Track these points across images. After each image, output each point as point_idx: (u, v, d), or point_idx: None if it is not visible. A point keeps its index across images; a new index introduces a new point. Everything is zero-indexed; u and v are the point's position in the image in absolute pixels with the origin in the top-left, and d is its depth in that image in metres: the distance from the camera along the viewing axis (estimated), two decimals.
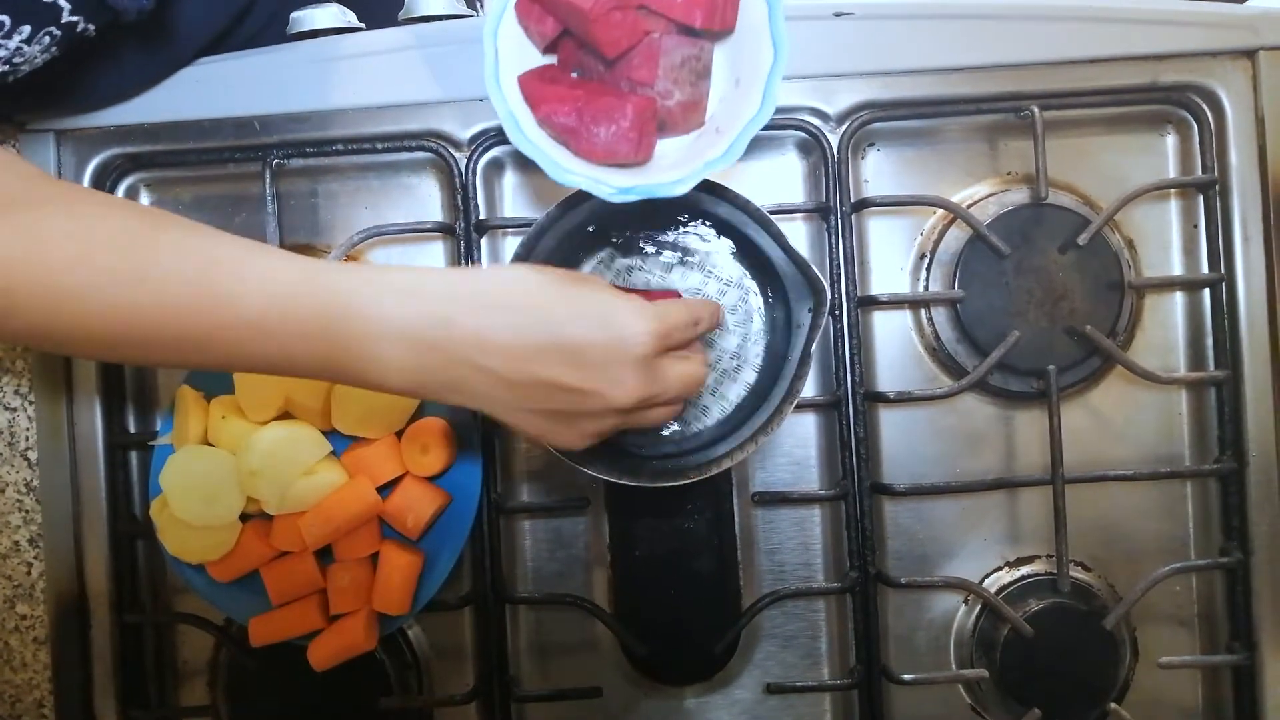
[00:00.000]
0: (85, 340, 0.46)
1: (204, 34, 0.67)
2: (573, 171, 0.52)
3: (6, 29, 0.51)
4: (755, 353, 0.63)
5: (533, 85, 0.54)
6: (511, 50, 0.54)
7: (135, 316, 0.46)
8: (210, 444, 0.64)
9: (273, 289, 0.46)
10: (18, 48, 0.53)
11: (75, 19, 0.54)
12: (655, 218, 0.62)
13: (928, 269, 0.68)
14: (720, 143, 0.52)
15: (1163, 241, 0.68)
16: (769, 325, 0.63)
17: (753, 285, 0.63)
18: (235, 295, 0.46)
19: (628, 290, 0.55)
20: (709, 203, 0.60)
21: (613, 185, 0.52)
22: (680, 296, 0.62)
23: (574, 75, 0.55)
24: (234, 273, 0.46)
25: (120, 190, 0.69)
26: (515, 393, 0.48)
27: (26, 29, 0.52)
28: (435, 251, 0.69)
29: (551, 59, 0.56)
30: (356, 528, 0.63)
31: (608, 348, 0.48)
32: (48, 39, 0.54)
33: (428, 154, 0.67)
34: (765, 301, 0.62)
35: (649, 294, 0.60)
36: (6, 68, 0.53)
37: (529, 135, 0.53)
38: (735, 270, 0.63)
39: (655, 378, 0.50)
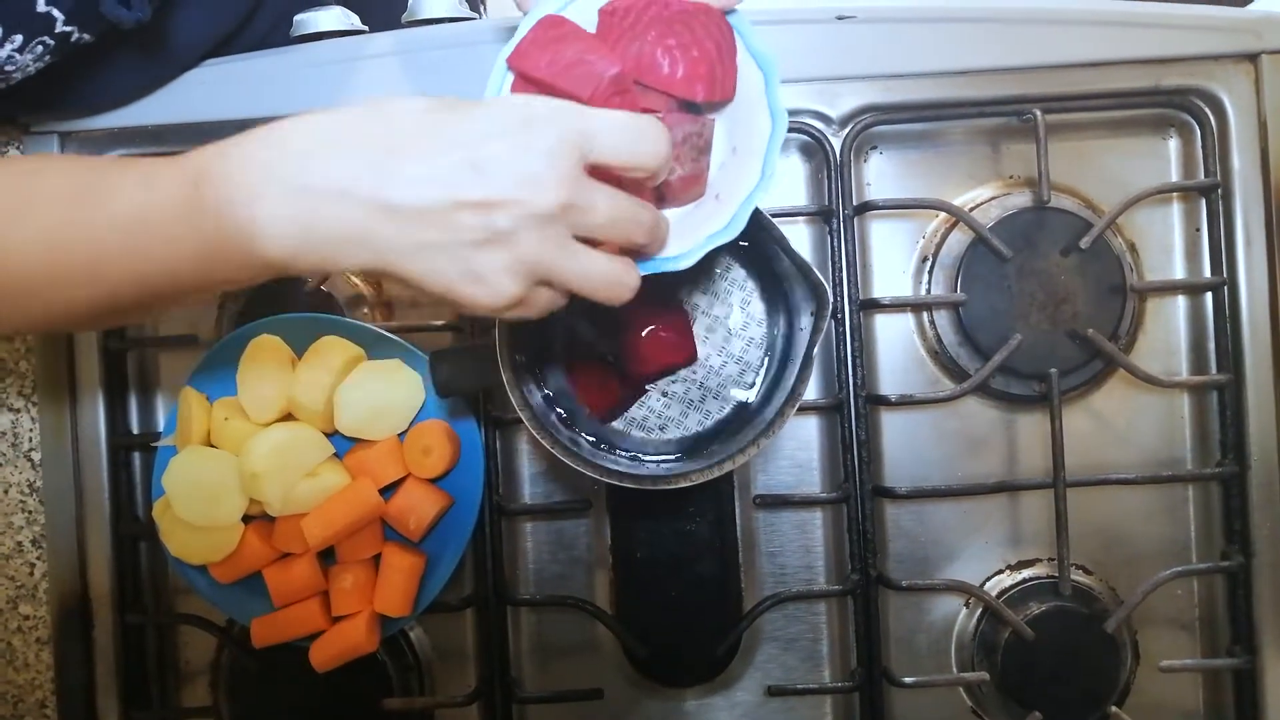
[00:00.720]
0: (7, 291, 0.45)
1: (205, 42, 0.67)
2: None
3: None
4: (757, 356, 0.63)
5: None
6: None
7: (21, 253, 0.44)
8: (213, 445, 0.64)
9: (142, 183, 0.44)
10: (9, 56, 0.53)
11: (69, 29, 0.54)
12: None
13: (930, 272, 0.68)
14: (721, 214, 0.51)
15: (1165, 245, 0.68)
16: (771, 328, 0.63)
17: (755, 288, 0.63)
18: (108, 198, 0.44)
19: None
20: None
21: (674, 255, 0.50)
22: (689, 316, 0.59)
23: None
24: (105, 178, 0.44)
25: None
26: (412, 224, 0.41)
27: (19, 38, 0.52)
28: None
29: None
30: (358, 529, 0.63)
31: (511, 143, 0.41)
32: (40, 48, 0.54)
33: None
34: (767, 304, 0.62)
35: None
36: None
37: None
38: (737, 273, 0.63)
39: (579, 184, 0.42)
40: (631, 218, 0.44)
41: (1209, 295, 0.67)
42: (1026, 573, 0.68)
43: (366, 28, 0.69)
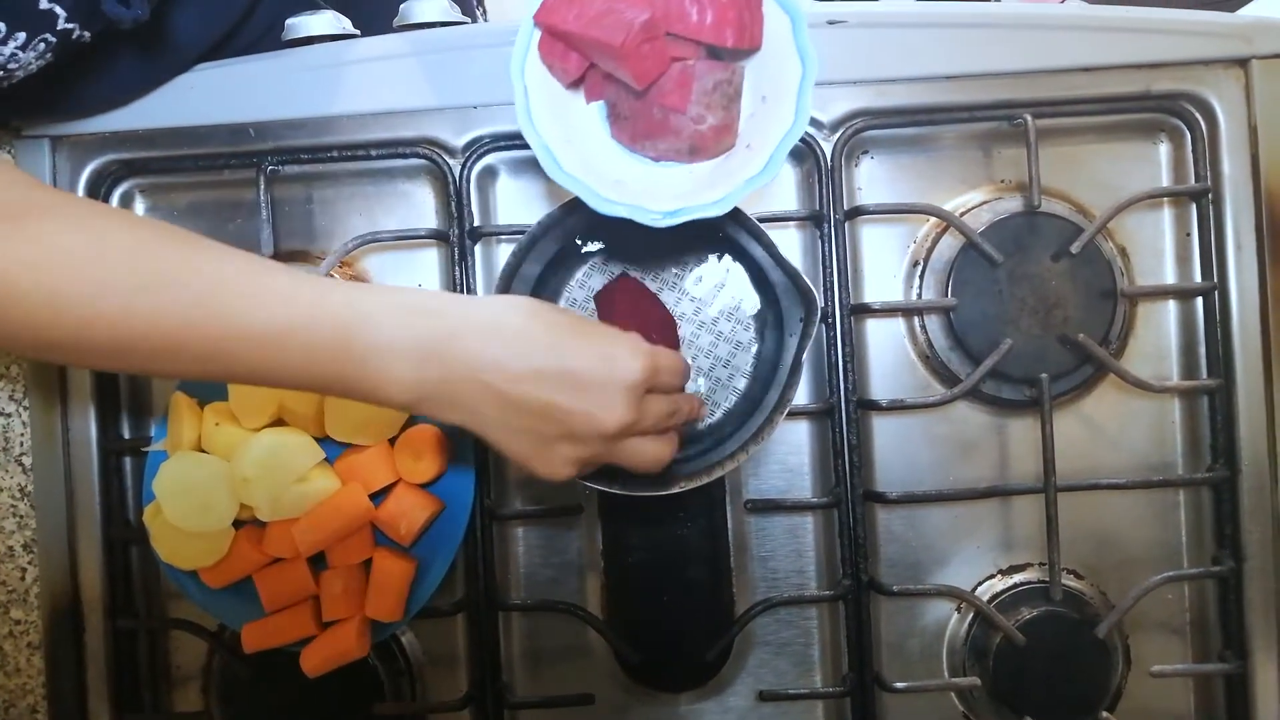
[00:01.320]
0: (87, 349, 0.47)
1: (201, 43, 0.67)
2: (614, 202, 0.53)
3: (1, 35, 0.51)
4: (747, 361, 0.63)
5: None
6: (540, 84, 0.55)
7: (141, 326, 0.47)
8: (204, 450, 0.64)
9: (285, 308, 0.48)
10: (13, 54, 0.53)
11: (71, 26, 0.54)
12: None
13: (921, 277, 0.68)
14: (755, 159, 0.52)
15: (1156, 250, 0.68)
16: (761, 333, 0.63)
17: (745, 293, 0.63)
18: (246, 312, 0.47)
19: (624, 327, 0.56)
20: None
21: (656, 210, 0.52)
22: (675, 323, 0.63)
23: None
24: (244, 290, 0.48)
25: (115, 196, 0.69)
26: (509, 412, 0.49)
27: (21, 35, 0.52)
28: (429, 258, 0.69)
29: (578, 93, 0.56)
30: (349, 534, 0.63)
31: (603, 375, 0.50)
32: (43, 45, 0.54)
33: (422, 161, 0.67)
34: (757, 310, 0.63)
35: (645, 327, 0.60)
36: (1, 74, 0.54)
37: (566, 169, 0.53)
38: (727, 278, 0.63)
39: (640, 408, 0.52)
40: (669, 418, 0.54)
41: (1199, 300, 0.67)
42: (1018, 577, 0.68)
43: (358, 32, 0.69)
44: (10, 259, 0.45)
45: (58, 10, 0.53)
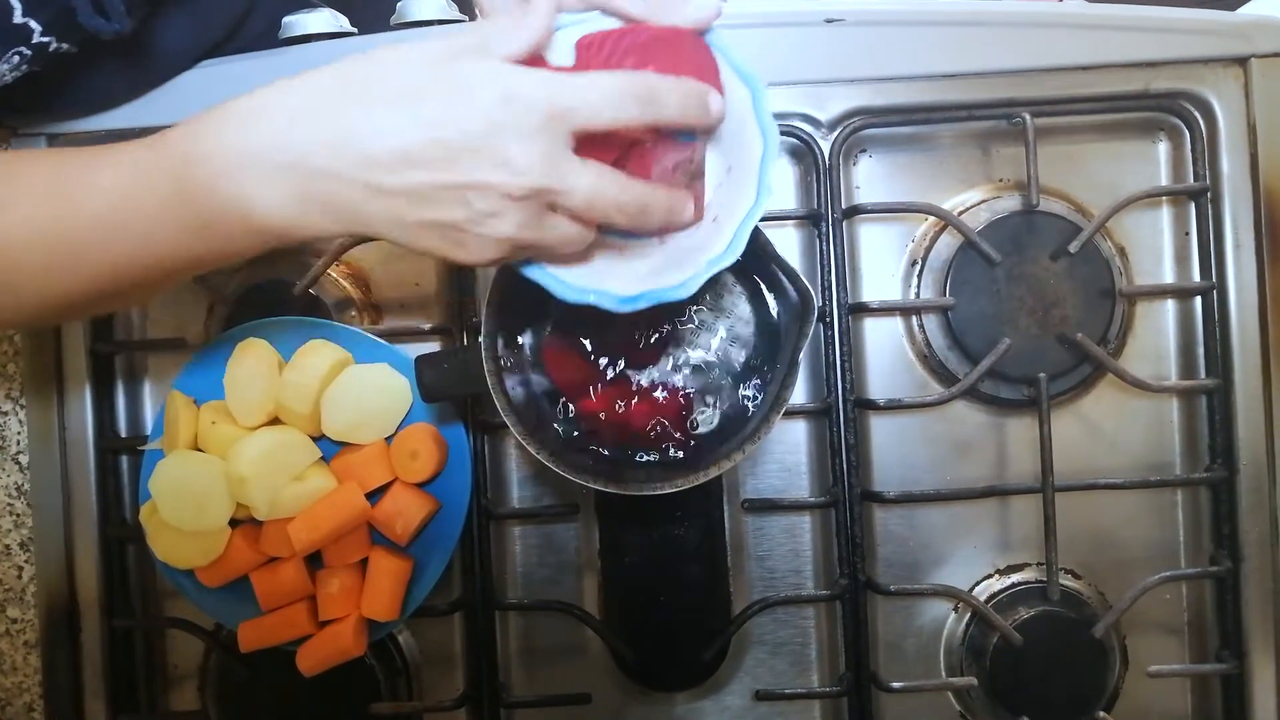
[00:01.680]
0: None
1: (192, 50, 0.66)
2: (578, 288, 0.50)
3: None
4: (743, 360, 0.62)
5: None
6: None
7: (7, 245, 0.46)
8: (200, 449, 0.64)
9: (121, 169, 0.45)
10: None
11: (47, 40, 0.54)
12: None
13: (919, 276, 0.68)
14: (720, 238, 0.50)
15: (1154, 249, 0.68)
16: (757, 332, 0.63)
17: (741, 292, 0.63)
18: (88, 186, 0.45)
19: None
20: None
21: (618, 295, 0.50)
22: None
23: None
24: (83, 169, 0.46)
25: None
26: (395, 204, 0.43)
27: None
28: (427, 256, 0.69)
29: None
30: (346, 533, 0.63)
31: (488, 123, 0.41)
32: (17, 58, 0.53)
33: None
34: (754, 309, 0.62)
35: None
36: None
37: (573, 284, 0.51)
38: (724, 278, 0.63)
39: (554, 164, 0.42)
40: (611, 200, 0.45)
41: (1198, 299, 0.67)
42: (1015, 577, 0.68)
43: (356, 30, 0.69)
44: None
45: (33, 24, 0.53)
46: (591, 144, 0.45)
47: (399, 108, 0.42)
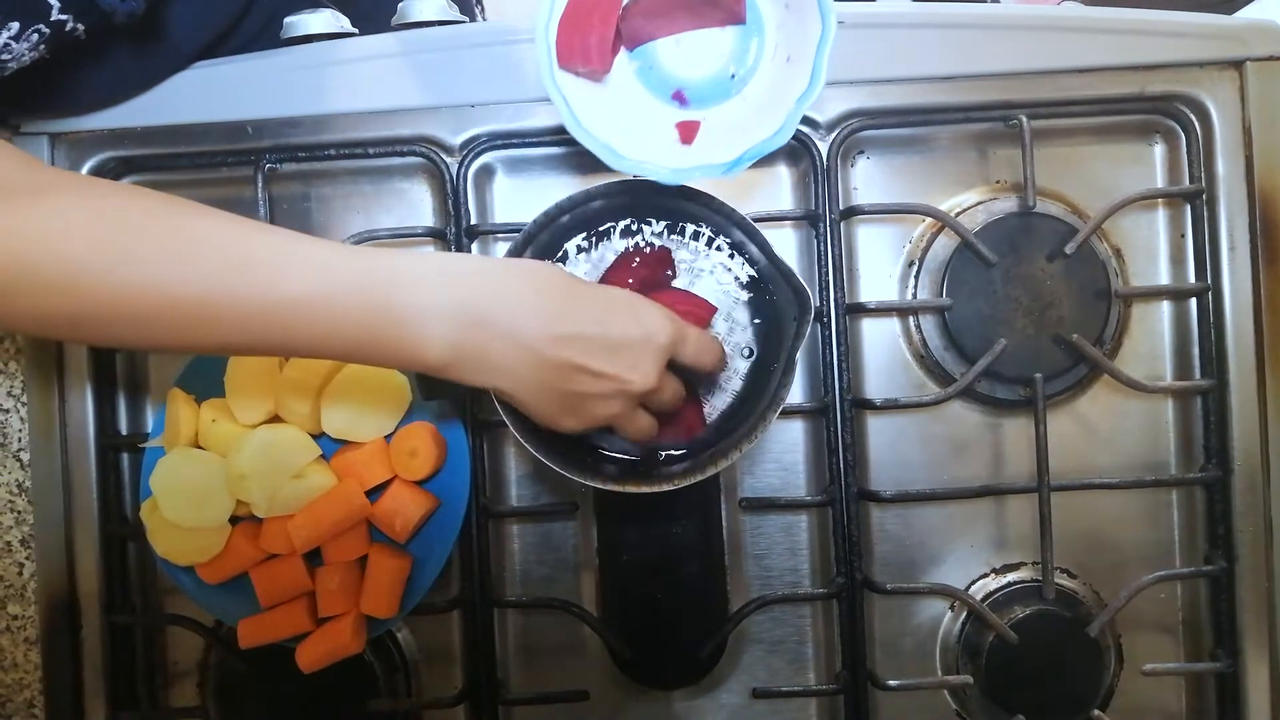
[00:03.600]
0: (108, 319, 0.47)
1: (197, 40, 0.67)
2: (627, 158, 0.54)
3: None
4: (741, 360, 0.63)
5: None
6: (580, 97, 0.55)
7: (168, 295, 0.47)
8: (200, 447, 0.64)
9: (321, 273, 0.48)
10: (5, 44, 0.53)
11: (64, 17, 0.54)
12: (641, 221, 0.62)
13: (916, 277, 0.68)
14: (769, 122, 0.53)
15: (1150, 251, 0.69)
16: (755, 332, 0.63)
17: (740, 293, 0.63)
18: (280, 279, 0.48)
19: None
20: (696, 211, 0.61)
21: (721, 163, 0.54)
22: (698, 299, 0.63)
23: None
24: (277, 256, 0.48)
25: None
26: (544, 373, 0.51)
27: (15, 25, 0.52)
28: None
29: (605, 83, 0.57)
30: (345, 531, 0.63)
31: (636, 338, 0.53)
32: (36, 36, 0.54)
33: (419, 159, 0.67)
34: (752, 309, 0.63)
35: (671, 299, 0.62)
36: None
37: (586, 127, 0.54)
38: (723, 277, 0.63)
39: (662, 378, 0.54)
40: (678, 400, 0.58)
41: (1193, 301, 0.67)
42: (1011, 576, 0.68)
43: (356, 30, 0.69)
44: (27, 233, 0.46)
45: (51, 0, 0.53)
46: None
47: (575, 303, 0.52)
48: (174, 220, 0.48)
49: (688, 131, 0.57)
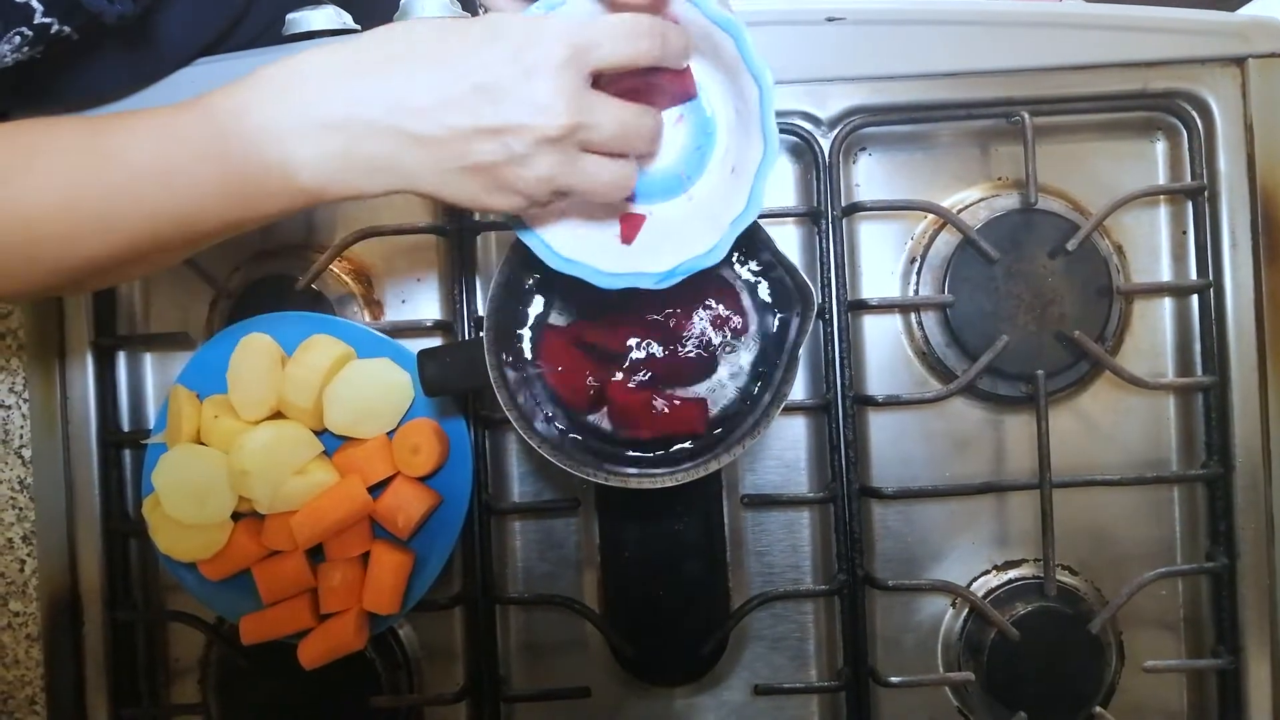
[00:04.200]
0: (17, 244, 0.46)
1: (194, 42, 0.66)
2: (614, 274, 0.52)
3: None
4: (744, 356, 0.63)
5: None
6: None
7: (34, 206, 0.46)
8: (202, 443, 0.64)
9: (160, 130, 0.46)
10: None
11: (49, 20, 0.54)
12: None
13: (918, 273, 0.69)
14: (708, 236, 0.51)
15: (1152, 247, 0.69)
16: (758, 329, 0.63)
17: (742, 288, 0.63)
18: (124, 148, 0.45)
19: None
20: None
21: (655, 273, 0.52)
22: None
23: None
24: (119, 131, 0.46)
25: None
26: (437, 152, 0.45)
27: None
28: (429, 251, 0.69)
29: None
30: (347, 527, 0.63)
31: (518, 68, 0.44)
32: (18, 39, 0.53)
33: None
34: (754, 305, 0.63)
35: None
36: None
37: (562, 254, 0.52)
38: (726, 274, 0.63)
39: (582, 102, 0.46)
40: (635, 129, 0.48)
41: (1195, 297, 0.67)
42: (1012, 573, 0.68)
43: (359, 27, 0.69)
44: None
45: (34, 3, 0.52)
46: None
47: (435, 62, 0.45)
48: (25, 136, 0.47)
49: (630, 228, 0.53)
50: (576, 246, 0.53)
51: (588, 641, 0.69)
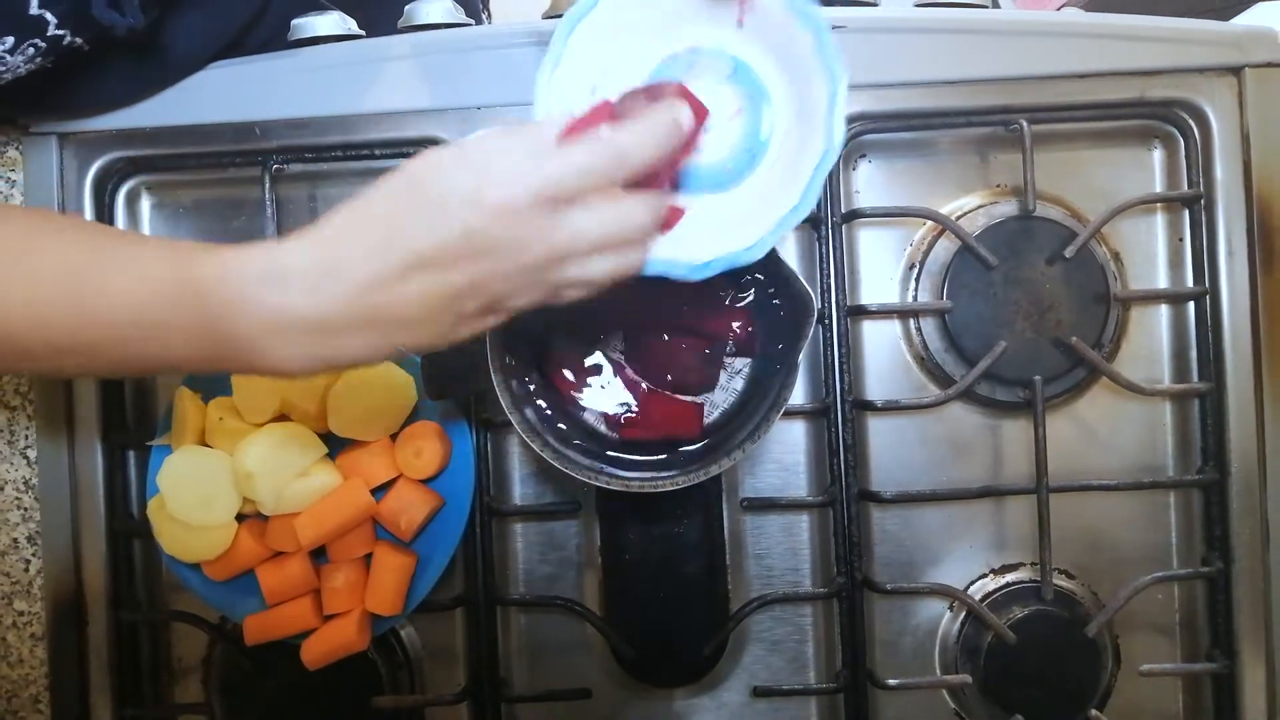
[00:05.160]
0: None
1: (204, 50, 0.67)
2: (649, 262, 0.50)
3: None
4: (744, 360, 0.63)
5: None
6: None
7: (12, 322, 0.45)
8: (207, 445, 0.64)
9: (138, 285, 0.45)
10: (0, 56, 0.53)
11: (62, 33, 0.54)
12: None
13: (917, 279, 0.69)
14: (790, 190, 0.49)
15: (1148, 255, 0.69)
16: (757, 334, 0.63)
17: (742, 295, 0.64)
18: (103, 296, 0.45)
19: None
20: None
21: (689, 263, 0.50)
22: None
23: None
24: (103, 274, 0.45)
25: (121, 193, 0.70)
26: (421, 321, 0.44)
27: (10, 40, 0.52)
28: None
29: None
30: (350, 529, 0.63)
31: (474, 226, 0.42)
32: (31, 50, 0.54)
33: None
34: (754, 311, 0.63)
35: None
36: None
37: None
38: (726, 280, 0.64)
39: (554, 227, 0.43)
40: (620, 230, 0.45)
41: (1191, 304, 0.68)
42: (1010, 577, 0.69)
43: (364, 33, 0.70)
44: None
45: (49, 16, 0.53)
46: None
47: (388, 230, 0.43)
48: (23, 240, 0.46)
49: (670, 218, 0.51)
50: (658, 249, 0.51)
51: (588, 643, 0.69)
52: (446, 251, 0.42)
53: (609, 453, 0.63)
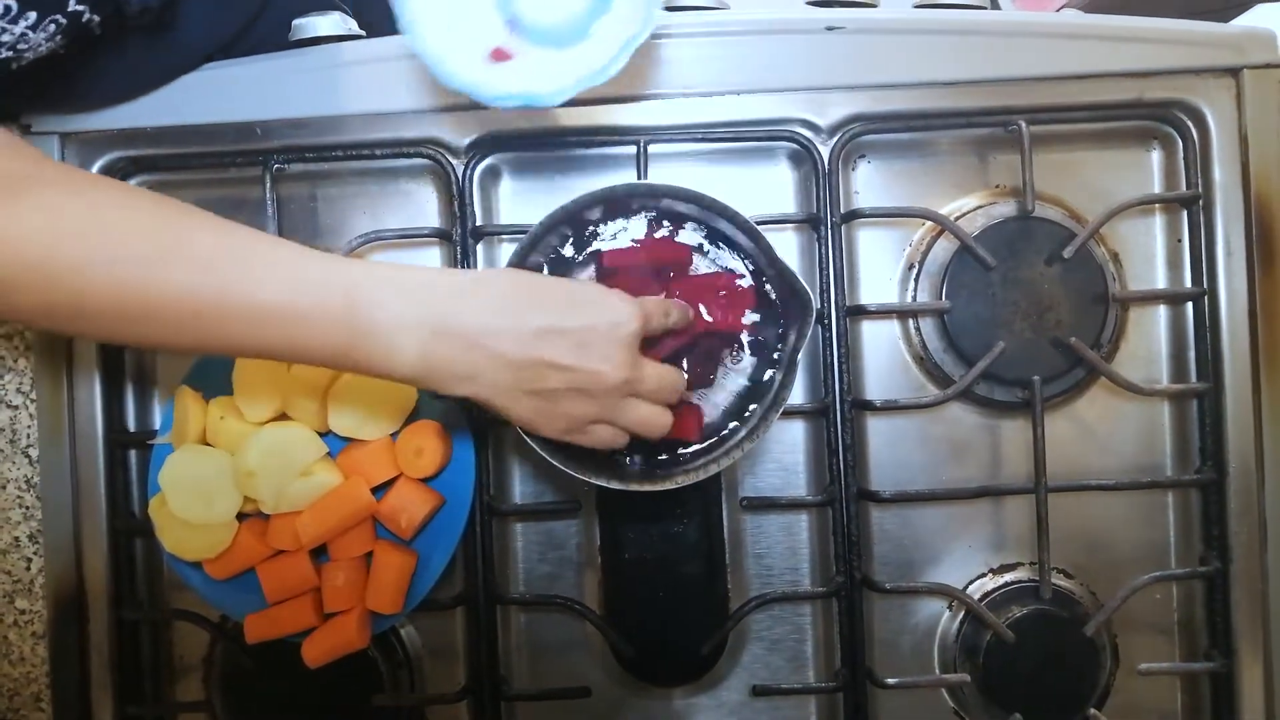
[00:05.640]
0: (90, 315, 0.49)
1: (211, 39, 0.67)
2: (455, 75, 0.56)
3: (13, 13, 0.51)
4: (744, 360, 0.64)
5: None
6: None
7: (143, 295, 0.48)
8: (208, 444, 0.65)
9: (295, 281, 0.50)
10: (23, 34, 0.53)
11: (80, 8, 0.54)
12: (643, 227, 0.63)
13: (916, 279, 0.69)
14: (598, 55, 0.55)
15: (1147, 255, 0.70)
16: (757, 334, 0.64)
17: (742, 294, 0.64)
18: (254, 288, 0.49)
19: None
20: (698, 214, 0.62)
21: (493, 92, 0.55)
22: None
23: None
24: (249, 263, 0.50)
25: None
26: (516, 375, 0.52)
27: (32, 15, 0.53)
28: (431, 257, 0.70)
29: None
30: (351, 528, 0.64)
31: (602, 329, 0.53)
32: (53, 27, 0.54)
33: (425, 161, 0.68)
34: (753, 310, 0.63)
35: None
36: (10, 54, 0.53)
37: (427, 40, 0.56)
38: (727, 279, 0.64)
39: (636, 363, 0.55)
40: (668, 385, 0.57)
41: (1189, 305, 0.68)
42: (1008, 576, 0.69)
43: (364, 33, 0.70)
44: (15, 228, 0.47)
45: None
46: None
47: (534, 300, 0.53)
48: (160, 220, 0.50)
49: (498, 58, 0.58)
50: (469, 71, 0.56)
51: (588, 642, 0.70)
52: (573, 334, 0.52)
53: (609, 452, 0.63)
